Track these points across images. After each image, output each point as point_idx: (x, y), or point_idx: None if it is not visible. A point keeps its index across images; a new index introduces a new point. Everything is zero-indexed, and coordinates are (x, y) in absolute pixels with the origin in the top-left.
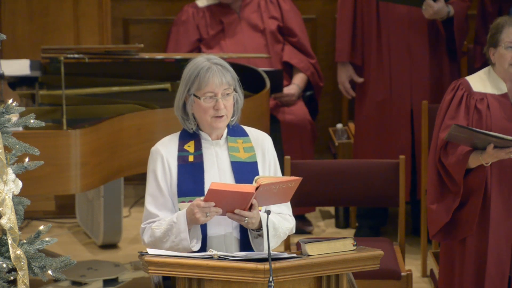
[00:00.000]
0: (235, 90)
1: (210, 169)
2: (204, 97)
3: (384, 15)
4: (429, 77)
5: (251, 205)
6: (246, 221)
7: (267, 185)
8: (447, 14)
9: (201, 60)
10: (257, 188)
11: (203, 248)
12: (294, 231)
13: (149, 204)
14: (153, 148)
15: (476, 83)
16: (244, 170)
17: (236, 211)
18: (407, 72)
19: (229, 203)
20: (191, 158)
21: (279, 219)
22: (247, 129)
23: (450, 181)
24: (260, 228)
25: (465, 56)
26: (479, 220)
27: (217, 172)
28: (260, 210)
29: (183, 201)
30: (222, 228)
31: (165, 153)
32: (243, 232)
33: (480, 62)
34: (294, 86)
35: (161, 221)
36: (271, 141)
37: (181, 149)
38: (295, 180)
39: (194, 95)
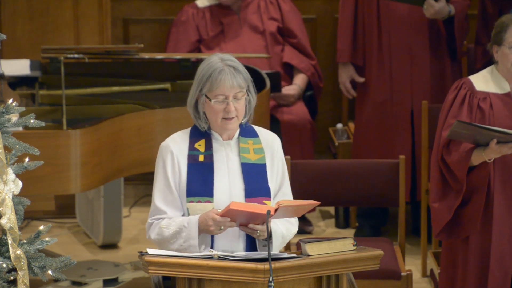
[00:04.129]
0: (248, 91)
1: (220, 170)
2: (215, 99)
3: (384, 15)
4: (430, 77)
5: None
6: (258, 234)
7: (285, 206)
8: (448, 13)
9: (215, 60)
10: (276, 210)
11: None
12: (296, 232)
13: (158, 199)
14: (163, 144)
15: (479, 82)
16: (254, 172)
17: (250, 225)
18: (408, 72)
19: (244, 220)
20: (201, 158)
21: (287, 226)
22: (257, 129)
23: (452, 179)
24: (270, 236)
25: (465, 56)
26: (482, 218)
27: (227, 173)
28: None
29: (192, 201)
30: (229, 241)
31: (176, 151)
32: (250, 245)
33: (481, 62)
34: (295, 87)
35: (171, 221)
36: (280, 142)
37: (191, 148)
38: (313, 204)
39: (206, 96)
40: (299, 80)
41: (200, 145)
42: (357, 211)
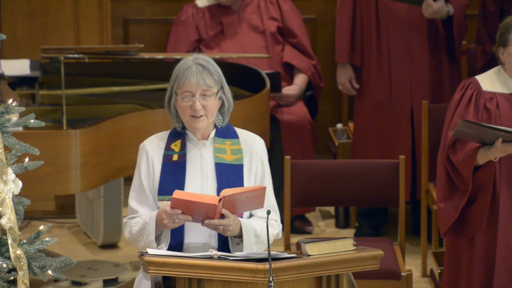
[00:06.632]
0: (223, 93)
1: (192, 169)
2: (182, 96)
3: (383, 15)
4: (429, 77)
5: (223, 214)
6: (221, 229)
7: (231, 195)
8: (446, 13)
9: (187, 59)
10: (220, 200)
11: None
12: (280, 236)
13: (132, 199)
14: (141, 144)
15: (486, 82)
16: (228, 172)
17: (206, 221)
18: (407, 72)
19: (196, 212)
20: (175, 157)
21: (262, 225)
22: (239, 131)
23: (458, 179)
24: (241, 235)
25: (464, 55)
26: (488, 217)
27: (200, 173)
28: (241, 217)
29: (162, 200)
30: (200, 238)
31: (150, 150)
32: (222, 242)
33: (481, 62)
34: (295, 86)
35: (139, 218)
36: (263, 144)
37: (167, 148)
38: (260, 188)
39: (176, 93)
40: (300, 80)
41: (176, 145)
42: (357, 211)
